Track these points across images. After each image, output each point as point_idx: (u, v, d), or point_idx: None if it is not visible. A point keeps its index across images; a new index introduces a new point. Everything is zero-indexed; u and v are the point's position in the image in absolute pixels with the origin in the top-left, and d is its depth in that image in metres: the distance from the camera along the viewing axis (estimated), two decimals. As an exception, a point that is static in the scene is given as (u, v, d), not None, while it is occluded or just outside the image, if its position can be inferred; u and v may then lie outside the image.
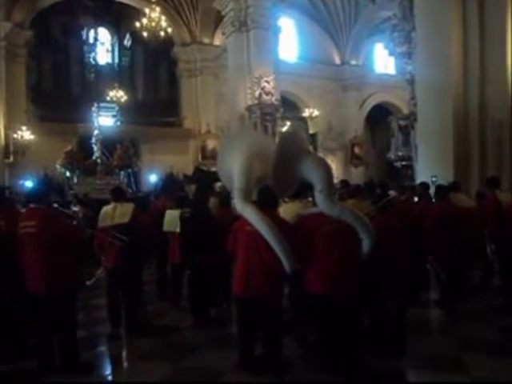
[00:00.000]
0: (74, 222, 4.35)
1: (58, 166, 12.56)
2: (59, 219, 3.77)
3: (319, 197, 3.21)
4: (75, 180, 12.15)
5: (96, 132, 13.00)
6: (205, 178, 12.75)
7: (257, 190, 3.55)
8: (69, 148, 12.71)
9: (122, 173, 13.02)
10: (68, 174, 12.49)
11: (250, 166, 3.52)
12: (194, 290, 4.80)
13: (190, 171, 15.46)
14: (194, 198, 5.39)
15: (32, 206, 3.63)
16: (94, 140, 13.00)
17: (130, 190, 12.05)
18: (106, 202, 5.00)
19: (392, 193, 4.47)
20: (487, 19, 8.50)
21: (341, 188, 5.07)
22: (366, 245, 3.24)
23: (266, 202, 3.42)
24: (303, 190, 4.07)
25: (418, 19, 9.36)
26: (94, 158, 12.90)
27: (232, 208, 5.77)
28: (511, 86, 8.39)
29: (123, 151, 13.08)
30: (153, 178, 16.51)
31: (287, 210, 4.07)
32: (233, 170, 3.58)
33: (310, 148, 3.77)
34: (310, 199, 3.77)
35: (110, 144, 13.36)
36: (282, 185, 3.46)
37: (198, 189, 5.43)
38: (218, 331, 4.57)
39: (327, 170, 3.37)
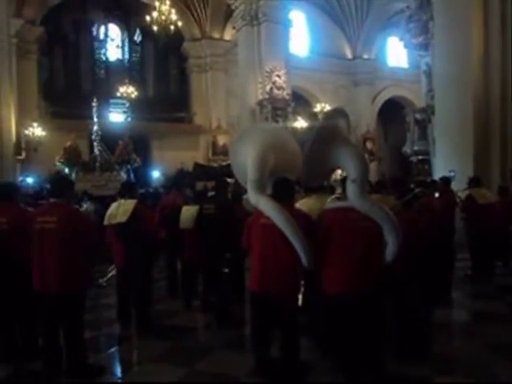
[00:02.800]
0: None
1: (57, 163, 12.40)
2: (79, 216, 3.68)
3: (351, 187, 3.02)
4: (74, 176, 11.93)
5: (95, 128, 12.83)
6: (205, 173, 12.61)
7: (271, 182, 3.38)
8: (68, 144, 12.52)
9: (125, 169, 12.91)
10: (67, 170, 12.32)
11: (264, 157, 3.38)
12: (213, 289, 4.66)
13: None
14: (215, 194, 5.20)
15: (52, 200, 3.51)
16: (93, 136, 12.86)
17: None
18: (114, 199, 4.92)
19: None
20: (509, 9, 8.17)
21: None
22: (390, 249, 3.01)
23: (282, 194, 3.25)
24: (322, 186, 3.90)
25: (436, 8, 9.05)
26: (93, 154, 12.79)
27: (244, 204, 5.64)
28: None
29: (123, 147, 12.95)
30: (156, 175, 16.43)
31: (304, 204, 3.91)
32: (247, 162, 3.43)
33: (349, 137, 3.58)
34: (332, 198, 3.60)
35: (115, 140, 13.26)
36: (314, 173, 3.30)
37: (219, 184, 5.25)
38: (232, 332, 4.39)
39: (363, 160, 3.19)
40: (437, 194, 5.73)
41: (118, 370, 3.76)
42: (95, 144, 12.89)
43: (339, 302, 3.00)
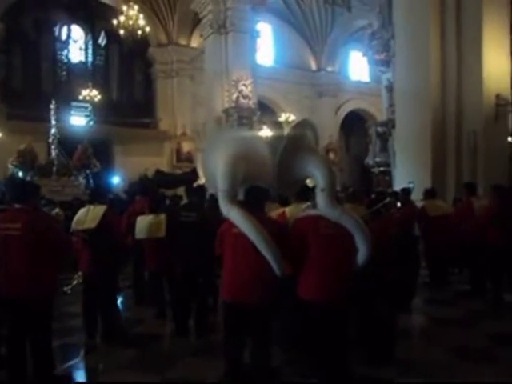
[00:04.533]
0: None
1: (10, 166, 11.89)
2: (45, 222, 3.53)
3: (320, 196, 3.11)
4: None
5: (53, 131, 12.49)
6: (166, 180, 12.45)
7: (243, 190, 3.41)
8: (22, 146, 12.06)
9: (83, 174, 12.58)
10: (21, 173, 11.83)
11: (234, 166, 3.35)
12: (181, 297, 4.59)
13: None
14: (193, 201, 4.99)
15: (17, 206, 3.38)
16: (51, 139, 12.49)
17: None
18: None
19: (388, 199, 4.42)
20: (464, 30, 8.72)
21: (340, 192, 5.01)
22: (361, 255, 3.14)
23: (253, 202, 3.27)
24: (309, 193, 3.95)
25: (396, 28, 9.52)
26: (50, 157, 12.43)
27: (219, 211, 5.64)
28: (485, 96, 8.62)
29: (82, 151, 12.62)
30: (116, 181, 16.11)
31: (293, 210, 3.98)
32: (217, 170, 3.43)
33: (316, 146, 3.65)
34: (307, 205, 3.69)
35: (76, 144, 12.91)
36: (286, 183, 3.36)
37: (195, 191, 5.04)
38: (200, 339, 4.40)
39: (330, 170, 3.28)
40: (399, 204, 6.00)
41: (85, 380, 3.68)
42: (52, 147, 12.48)
43: (313, 308, 3.09)
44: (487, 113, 8.62)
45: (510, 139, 10.63)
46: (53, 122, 12.61)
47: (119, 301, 5.09)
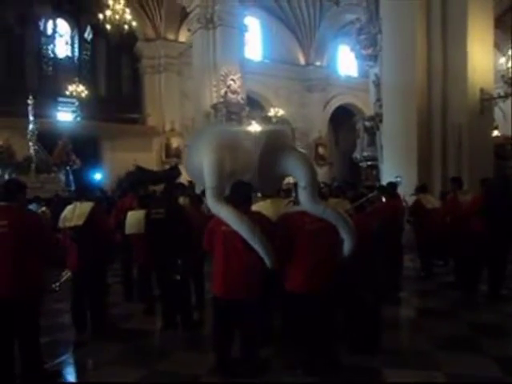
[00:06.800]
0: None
1: None
2: (32, 219, 3.52)
3: (303, 194, 3.15)
4: (6, 177, 11.23)
5: (31, 127, 12.32)
6: (146, 177, 12.38)
7: (229, 185, 3.42)
8: None
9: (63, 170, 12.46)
10: None
11: (220, 161, 3.34)
12: (166, 293, 4.61)
13: (153, 169, 15.15)
14: (163, 197, 5.04)
15: (2, 204, 3.36)
16: (29, 135, 12.30)
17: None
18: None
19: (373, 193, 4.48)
20: (449, 25, 8.83)
21: (323, 187, 5.06)
22: (347, 245, 3.21)
23: (240, 198, 3.29)
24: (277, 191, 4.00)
25: (383, 23, 9.57)
26: (28, 154, 12.24)
27: (203, 207, 5.67)
28: (470, 91, 8.74)
29: (61, 147, 12.49)
30: (98, 177, 15.97)
31: (259, 207, 4.00)
32: (202, 166, 3.43)
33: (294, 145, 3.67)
34: (288, 199, 3.72)
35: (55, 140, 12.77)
36: (266, 180, 3.38)
37: (167, 188, 5.15)
38: (189, 333, 4.44)
39: (311, 167, 3.31)
40: (383, 199, 6.07)
41: (76, 375, 3.70)
42: (30, 144, 12.31)
43: (300, 300, 3.15)
44: (472, 107, 8.75)
45: (495, 133, 10.83)
46: (31, 118, 12.40)
47: (108, 296, 5.08)
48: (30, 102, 12.46)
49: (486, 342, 3.97)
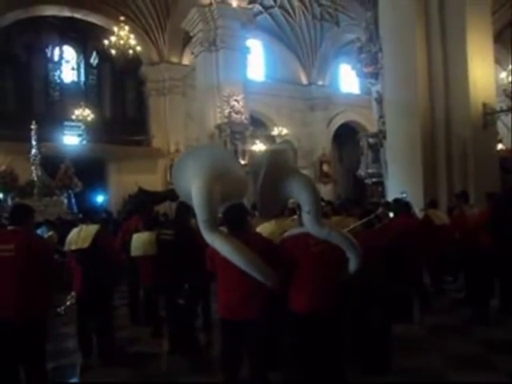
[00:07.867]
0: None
1: None
2: (38, 243, 3.53)
3: (306, 218, 3.12)
4: (9, 202, 11.45)
5: (34, 151, 12.53)
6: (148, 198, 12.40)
7: (222, 209, 3.29)
8: (2, 168, 12.08)
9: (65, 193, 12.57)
10: (1, 195, 11.82)
11: (209, 190, 3.15)
12: (175, 316, 4.55)
13: (157, 190, 15.25)
14: (174, 220, 5.02)
15: (10, 228, 3.39)
16: (31, 159, 12.48)
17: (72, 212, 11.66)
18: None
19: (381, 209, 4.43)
20: (449, 41, 8.92)
21: (325, 206, 5.01)
22: (352, 263, 3.17)
23: (234, 223, 3.21)
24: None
25: (384, 42, 9.69)
26: (30, 178, 12.39)
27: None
28: (472, 105, 8.76)
29: (64, 171, 12.64)
30: (100, 200, 16.04)
31: (263, 228, 3.97)
32: (190, 187, 3.21)
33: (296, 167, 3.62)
34: (292, 219, 3.69)
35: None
36: (268, 203, 3.34)
37: (179, 209, 5.09)
38: (196, 356, 4.37)
39: (314, 190, 3.27)
40: (391, 215, 6.02)
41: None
42: (32, 168, 12.47)
43: (305, 321, 3.10)
44: (475, 122, 8.75)
45: (499, 146, 10.80)
46: (33, 143, 12.62)
47: (114, 320, 5.03)
48: (33, 127, 12.67)
49: (499, 358, 3.88)
